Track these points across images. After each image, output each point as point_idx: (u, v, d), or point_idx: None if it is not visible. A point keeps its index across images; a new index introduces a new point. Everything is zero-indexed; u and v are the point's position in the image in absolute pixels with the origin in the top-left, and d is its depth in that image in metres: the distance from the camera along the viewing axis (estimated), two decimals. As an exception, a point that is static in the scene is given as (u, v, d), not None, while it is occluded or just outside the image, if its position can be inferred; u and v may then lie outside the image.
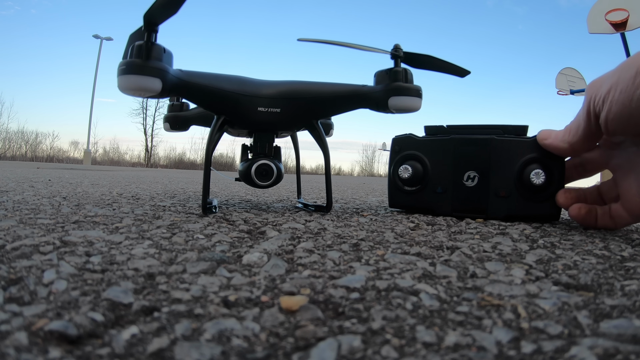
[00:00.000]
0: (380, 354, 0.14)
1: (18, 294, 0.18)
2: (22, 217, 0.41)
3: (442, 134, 0.54)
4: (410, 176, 0.53)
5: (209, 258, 0.26)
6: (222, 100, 0.48)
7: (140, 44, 0.42)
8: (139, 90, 0.42)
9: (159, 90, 0.43)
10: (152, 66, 0.42)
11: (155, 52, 0.42)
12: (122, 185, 1.17)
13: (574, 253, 0.32)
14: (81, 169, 4.19)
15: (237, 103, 0.48)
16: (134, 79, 0.41)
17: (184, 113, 0.70)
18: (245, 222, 0.42)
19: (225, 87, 0.48)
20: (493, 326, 0.17)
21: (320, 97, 0.50)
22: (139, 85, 0.42)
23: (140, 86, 0.42)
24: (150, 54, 0.42)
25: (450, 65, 0.54)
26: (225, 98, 0.48)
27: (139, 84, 0.42)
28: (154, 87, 0.42)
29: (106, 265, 0.23)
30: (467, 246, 0.33)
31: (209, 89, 0.47)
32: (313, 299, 0.19)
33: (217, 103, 0.48)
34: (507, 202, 0.50)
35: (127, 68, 0.42)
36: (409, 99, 0.50)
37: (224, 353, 0.14)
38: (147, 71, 0.42)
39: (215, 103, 0.49)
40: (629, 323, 0.17)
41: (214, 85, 0.47)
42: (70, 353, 0.14)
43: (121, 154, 19.84)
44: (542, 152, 0.48)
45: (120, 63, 0.42)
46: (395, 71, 0.50)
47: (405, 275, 0.24)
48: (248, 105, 0.48)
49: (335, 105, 0.52)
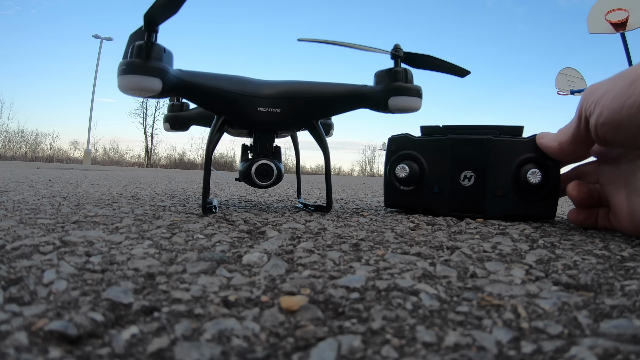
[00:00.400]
0: (380, 354, 0.14)
1: (18, 294, 0.18)
2: (22, 217, 0.41)
3: (438, 134, 0.54)
4: (407, 176, 0.53)
5: (209, 258, 0.26)
6: (222, 100, 0.48)
7: (140, 44, 0.42)
8: (139, 90, 0.42)
9: (159, 90, 0.43)
10: (152, 66, 0.42)
11: (155, 52, 0.42)
12: (122, 185, 1.17)
13: (574, 253, 0.32)
14: (81, 169, 4.19)
15: (237, 103, 0.48)
16: (134, 79, 0.41)
17: (184, 113, 0.70)
18: (245, 222, 0.42)
19: (225, 87, 0.48)
20: (493, 326, 0.17)
21: (320, 97, 0.50)
22: (139, 85, 0.42)
23: (141, 86, 0.42)
24: (150, 54, 0.42)
25: (450, 65, 0.54)
26: (226, 98, 0.48)
27: (139, 84, 0.42)
28: (154, 87, 0.42)
29: (106, 265, 0.23)
30: (467, 246, 0.33)
31: (209, 89, 0.47)
32: (313, 299, 0.19)
33: (217, 103, 0.49)
34: (503, 201, 0.50)
35: (127, 68, 0.42)
36: (409, 99, 0.50)
37: (224, 353, 0.14)
38: (147, 71, 0.42)
39: (215, 103, 0.49)
40: (629, 323, 0.17)
41: (214, 85, 0.47)
42: (70, 353, 0.14)
43: (121, 154, 19.85)
44: (538, 152, 0.49)
45: (121, 63, 0.42)
46: (395, 71, 0.50)
47: (405, 275, 0.24)
48: (248, 105, 0.48)
49: (335, 105, 0.52)
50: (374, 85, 0.52)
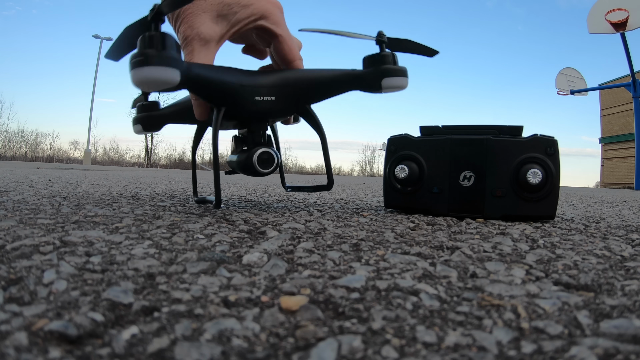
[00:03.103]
0: (380, 354, 0.14)
1: (18, 294, 0.18)
2: (22, 217, 0.41)
3: (437, 134, 0.54)
4: (407, 176, 0.53)
5: (209, 258, 0.26)
6: (225, 92, 0.48)
7: (152, 34, 0.39)
8: (158, 82, 0.39)
9: (178, 82, 0.40)
10: (170, 56, 0.39)
11: (169, 42, 0.39)
12: (122, 185, 1.17)
13: (574, 253, 0.32)
14: (81, 169, 4.19)
15: (237, 94, 0.48)
16: (153, 70, 0.38)
17: (158, 112, 0.63)
18: (245, 222, 0.42)
19: (226, 78, 0.47)
20: (493, 326, 0.17)
21: (314, 81, 0.52)
22: (158, 78, 0.39)
23: (160, 78, 0.39)
24: (165, 44, 0.39)
25: (421, 47, 0.57)
26: (228, 90, 0.48)
27: (158, 75, 0.38)
28: (173, 79, 0.39)
29: (106, 265, 0.23)
30: (468, 246, 0.33)
31: (214, 82, 0.46)
32: (313, 299, 0.19)
33: (220, 95, 0.48)
34: (503, 201, 0.50)
35: (144, 59, 0.38)
36: (400, 79, 0.53)
37: (224, 353, 0.14)
38: (165, 62, 0.39)
39: (218, 95, 0.48)
40: (629, 323, 0.17)
41: (217, 77, 0.47)
42: (70, 353, 0.14)
43: (121, 154, 19.86)
44: (538, 152, 0.49)
45: (134, 55, 0.39)
46: (384, 55, 0.53)
47: (406, 275, 0.24)
48: (246, 96, 0.49)
49: (328, 88, 0.53)
50: (365, 69, 0.54)
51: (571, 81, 7.44)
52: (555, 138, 0.50)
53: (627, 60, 6.18)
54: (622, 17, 5.34)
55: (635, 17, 5.34)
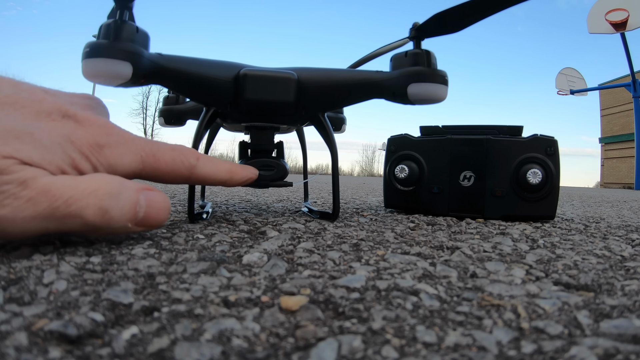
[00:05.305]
0: (380, 354, 0.14)
1: (18, 294, 0.18)
2: (22, 217, 0.41)
3: (437, 134, 0.54)
4: (407, 176, 0.53)
5: (209, 258, 0.26)
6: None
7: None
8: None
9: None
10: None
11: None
12: (122, 185, 1.17)
13: (574, 253, 0.32)
14: (81, 169, 4.18)
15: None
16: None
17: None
18: (245, 222, 0.42)
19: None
20: (493, 326, 0.17)
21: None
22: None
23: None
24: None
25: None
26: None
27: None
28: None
29: (106, 265, 0.23)
30: (468, 246, 0.33)
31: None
32: (313, 299, 0.19)
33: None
34: (503, 201, 0.50)
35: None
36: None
37: (224, 353, 0.14)
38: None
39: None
40: (629, 323, 0.17)
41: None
42: (70, 353, 0.14)
43: (121, 154, 19.76)
44: (538, 152, 0.49)
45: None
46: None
47: (406, 275, 0.24)
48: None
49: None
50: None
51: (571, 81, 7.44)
52: (555, 138, 0.50)
53: (627, 60, 6.18)
54: (622, 17, 5.34)
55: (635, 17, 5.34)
